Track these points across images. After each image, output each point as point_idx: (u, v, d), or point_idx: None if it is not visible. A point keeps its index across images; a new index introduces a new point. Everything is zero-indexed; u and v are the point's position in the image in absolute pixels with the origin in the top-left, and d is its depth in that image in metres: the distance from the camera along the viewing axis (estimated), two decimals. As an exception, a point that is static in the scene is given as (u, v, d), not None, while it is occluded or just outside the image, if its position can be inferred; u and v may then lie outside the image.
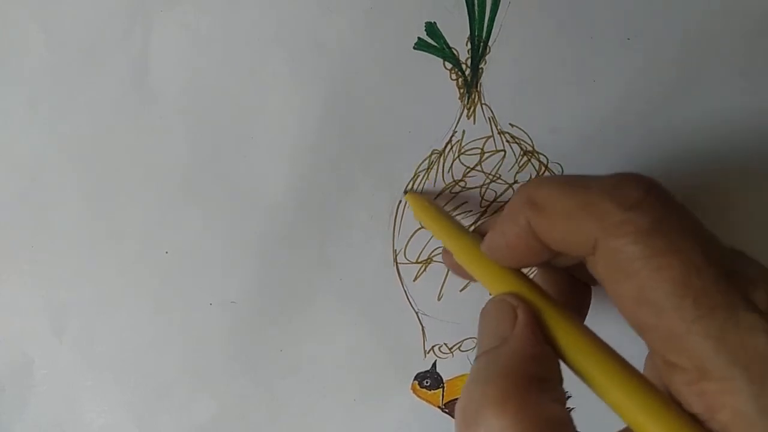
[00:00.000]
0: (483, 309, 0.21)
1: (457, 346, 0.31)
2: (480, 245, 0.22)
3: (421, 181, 0.27)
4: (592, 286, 0.24)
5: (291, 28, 0.23)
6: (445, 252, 0.24)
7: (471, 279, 0.23)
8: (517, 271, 0.21)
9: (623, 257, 0.16)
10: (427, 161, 0.26)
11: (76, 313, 0.28)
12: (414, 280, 0.29)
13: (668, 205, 0.17)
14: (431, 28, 0.24)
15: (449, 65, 0.24)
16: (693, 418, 0.16)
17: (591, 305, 0.25)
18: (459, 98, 0.25)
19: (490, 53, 0.24)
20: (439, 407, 0.33)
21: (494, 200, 0.28)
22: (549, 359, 0.18)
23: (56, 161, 0.25)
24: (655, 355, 0.17)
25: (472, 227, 0.28)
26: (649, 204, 0.17)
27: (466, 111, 0.25)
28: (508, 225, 0.20)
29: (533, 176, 0.27)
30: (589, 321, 0.22)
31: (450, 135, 0.26)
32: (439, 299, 0.30)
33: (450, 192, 0.27)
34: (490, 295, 0.21)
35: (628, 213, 0.17)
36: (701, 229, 0.17)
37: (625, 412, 0.17)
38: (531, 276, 0.23)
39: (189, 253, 0.27)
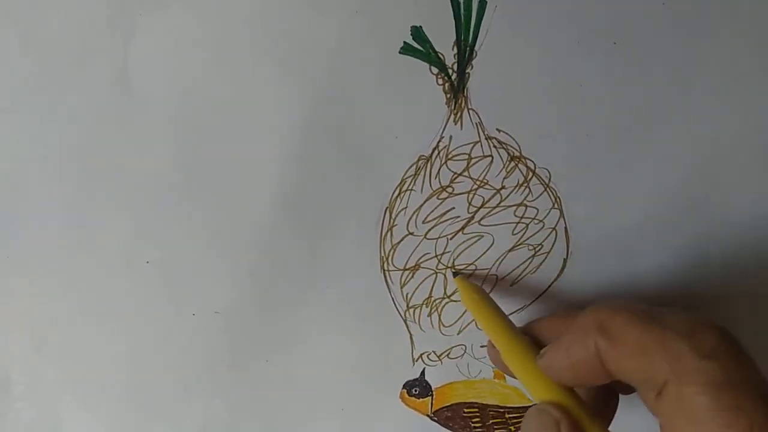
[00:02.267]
0: (526, 414, 0.21)
1: (446, 353, 0.31)
2: (537, 361, 0.22)
3: (408, 186, 0.27)
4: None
5: (276, 32, 0.23)
6: (491, 347, 0.25)
7: (508, 372, 0.24)
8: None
9: (691, 405, 0.17)
10: (414, 167, 0.26)
11: (56, 325, 0.28)
12: (402, 287, 0.29)
13: (740, 358, 0.18)
14: (417, 33, 0.23)
15: (435, 70, 0.24)
16: None
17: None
18: (446, 103, 0.25)
19: (477, 58, 0.24)
20: (427, 416, 0.32)
21: (482, 206, 0.27)
22: None
23: (35, 169, 0.25)
24: None
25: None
26: (723, 354, 0.17)
27: (452, 116, 0.25)
28: (575, 347, 0.20)
29: (520, 182, 0.27)
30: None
31: (437, 140, 0.26)
32: (427, 306, 0.29)
33: (437, 198, 0.27)
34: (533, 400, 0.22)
35: (703, 362, 0.17)
36: (766, 385, 0.17)
37: None
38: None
39: (171, 263, 0.27)
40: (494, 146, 0.26)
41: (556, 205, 0.28)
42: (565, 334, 0.21)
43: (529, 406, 0.32)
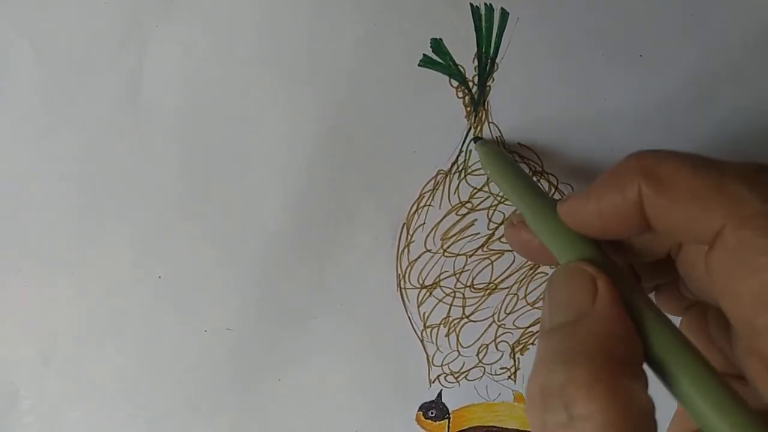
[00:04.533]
0: (553, 276, 0.19)
1: (464, 375, 0.30)
2: (558, 206, 0.20)
3: (426, 202, 0.26)
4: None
5: (290, 45, 0.23)
6: (511, 226, 0.22)
7: (533, 256, 0.21)
8: (590, 239, 0.19)
9: (752, 250, 0.15)
10: (432, 182, 0.26)
11: (65, 339, 0.27)
12: (419, 306, 0.28)
13: None
14: (437, 45, 0.23)
15: (455, 83, 0.24)
16: None
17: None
18: (465, 117, 0.24)
19: (498, 70, 0.24)
20: (444, 439, 0.31)
21: (502, 222, 0.27)
22: (634, 340, 0.16)
23: (45, 181, 0.24)
24: (758, 361, 0.16)
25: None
26: None
27: (473, 130, 0.25)
28: (609, 193, 0.18)
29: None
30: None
31: (456, 155, 0.25)
32: (445, 326, 0.29)
33: (456, 214, 0.26)
34: (560, 263, 0.19)
35: (767, 205, 0.15)
36: None
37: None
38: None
39: (183, 278, 0.26)
40: (516, 161, 0.25)
41: (579, 223, 0.27)
42: (596, 181, 0.19)
43: None
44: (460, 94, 0.24)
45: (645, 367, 0.16)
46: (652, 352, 0.16)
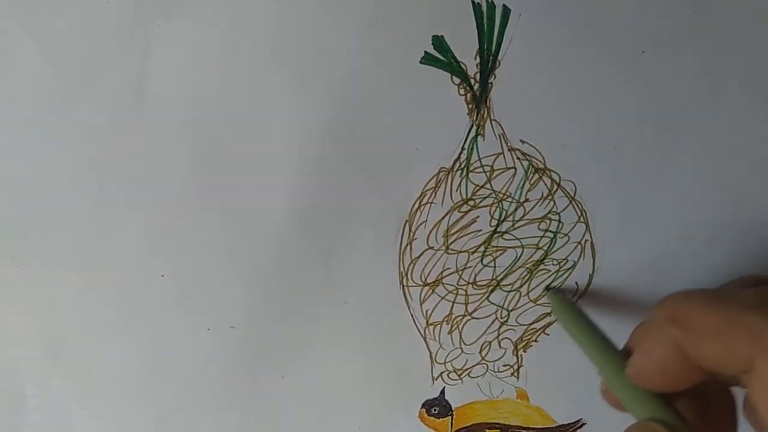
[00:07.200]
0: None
1: (467, 372, 0.30)
2: (626, 370, 0.21)
3: (429, 199, 0.26)
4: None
5: (294, 42, 0.23)
6: (605, 392, 0.23)
7: (621, 407, 0.22)
8: (662, 396, 0.20)
9: None
10: (434, 179, 0.26)
11: (71, 338, 0.28)
12: (421, 303, 0.28)
13: None
14: (438, 42, 0.23)
15: (457, 80, 0.24)
16: None
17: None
18: (468, 114, 0.24)
19: (500, 67, 0.24)
20: (447, 436, 0.32)
21: (504, 219, 0.27)
22: None
23: (50, 180, 0.24)
24: None
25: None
26: None
27: (475, 127, 0.25)
28: (653, 345, 0.20)
29: (544, 194, 0.26)
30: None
31: (458, 152, 0.25)
32: (448, 323, 0.29)
33: (458, 211, 0.26)
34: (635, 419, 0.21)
35: None
36: None
37: None
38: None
39: (186, 276, 0.27)
40: (518, 158, 0.25)
41: (581, 219, 0.27)
42: (641, 335, 0.21)
43: (553, 427, 0.31)
44: (462, 91, 0.24)
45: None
46: None
